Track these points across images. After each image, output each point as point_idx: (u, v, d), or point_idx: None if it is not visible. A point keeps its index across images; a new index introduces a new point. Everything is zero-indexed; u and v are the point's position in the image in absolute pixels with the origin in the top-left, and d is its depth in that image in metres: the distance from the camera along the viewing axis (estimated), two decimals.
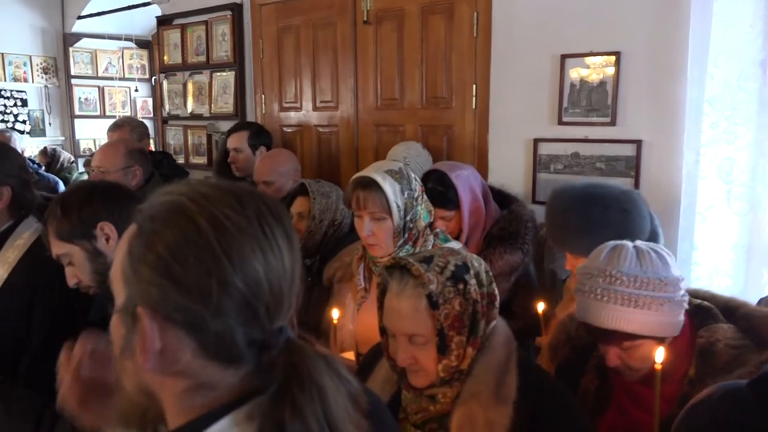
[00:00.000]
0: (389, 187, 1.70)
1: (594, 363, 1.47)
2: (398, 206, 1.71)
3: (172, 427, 0.71)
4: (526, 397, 1.20)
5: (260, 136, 3.26)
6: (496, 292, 1.31)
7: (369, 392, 0.82)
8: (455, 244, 1.81)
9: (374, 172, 1.74)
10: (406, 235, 1.74)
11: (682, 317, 1.33)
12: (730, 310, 1.37)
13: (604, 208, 1.82)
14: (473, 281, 1.25)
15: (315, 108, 3.56)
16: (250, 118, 3.86)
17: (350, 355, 1.73)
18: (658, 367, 1.23)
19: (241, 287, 0.67)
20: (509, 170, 2.75)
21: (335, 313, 1.69)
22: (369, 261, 1.82)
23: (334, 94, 3.45)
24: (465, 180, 2.22)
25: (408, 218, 1.74)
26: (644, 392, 1.34)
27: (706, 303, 1.39)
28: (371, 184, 1.72)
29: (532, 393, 1.21)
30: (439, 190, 2.18)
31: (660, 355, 1.23)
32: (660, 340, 1.30)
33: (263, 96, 3.78)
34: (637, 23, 2.43)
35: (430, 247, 1.76)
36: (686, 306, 1.33)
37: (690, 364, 1.32)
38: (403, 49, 3.13)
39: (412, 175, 1.79)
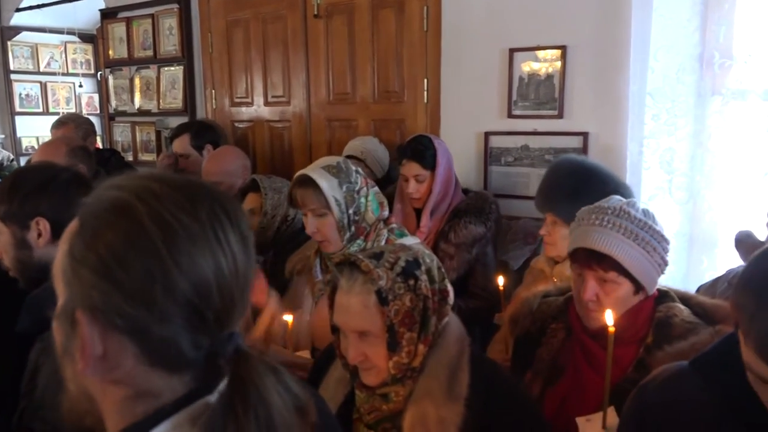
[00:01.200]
0: (324, 182, 1.71)
1: (552, 334, 1.53)
2: (336, 200, 1.72)
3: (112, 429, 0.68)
4: (477, 394, 1.21)
5: (202, 135, 3.18)
6: (449, 288, 1.31)
7: (318, 402, 0.81)
8: (411, 240, 1.82)
9: (311, 169, 1.75)
10: (353, 229, 1.75)
11: (657, 281, 1.44)
12: (684, 299, 1.47)
13: (602, 183, 1.89)
14: (424, 277, 1.25)
15: (267, 103, 3.52)
16: (200, 113, 3.79)
17: (305, 354, 1.72)
18: (611, 329, 1.30)
19: (189, 293, 0.64)
20: (461, 163, 2.78)
21: (288, 317, 1.67)
22: (324, 256, 1.82)
23: (285, 88, 3.42)
24: (445, 151, 2.41)
25: (351, 211, 1.74)
26: (601, 355, 1.40)
27: (664, 289, 1.49)
28: (307, 182, 1.73)
29: (484, 389, 1.22)
30: (420, 147, 2.35)
31: (609, 318, 1.31)
32: (635, 291, 1.40)
33: (213, 91, 3.72)
34: (582, 18, 2.49)
35: (383, 242, 1.77)
36: (662, 272, 1.44)
37: (648, 332, 1.40)
38: (354, 43, 3.12)
39: (353, 169, 1.79)
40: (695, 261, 2.44)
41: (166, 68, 3.92)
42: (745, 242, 1.93)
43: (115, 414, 0.68)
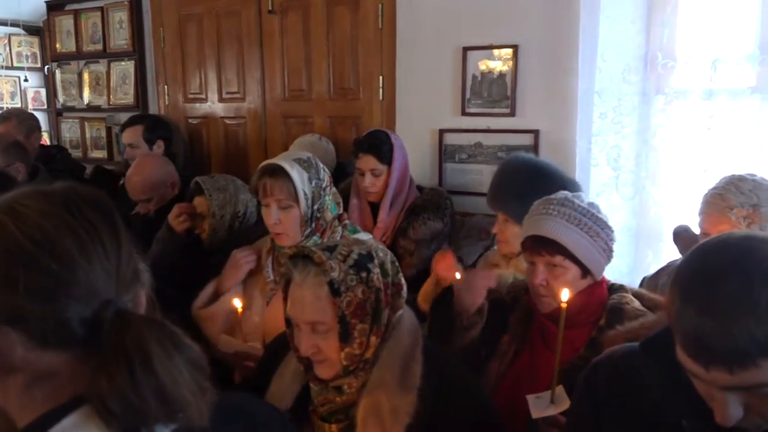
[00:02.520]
0: (297, 174, 1.70)
1: (515, 316, 1.60)
2: (305, 194, 1.71)
3: (20, 425, 0.68)
4: (430, 384, 1.23)
5: (156, 129, 3.10)
6: (403, 282, 1.33)
7: (246, 400, 0.82)
8: (364, 236, 1.83)
9: (282, 159, 1.74)
10: (314, 225, 1.75)
11: (603, 270, 1.52)
12: (637, 296, 1.57)
13: (551, 181, 1.93)
14: (377, 270, 1.26)
15: (221, 99, 3.47)
16: (152, 109, 3.71)
17: (256, 344, 1.72)
18: (563, 305, 1.37)
19: (55, 267, 0.65)
20: (416, 160, 2.80)
21: (237, 303, 1.67)
22: (278, 253, 1.81)
23: (240, 85, 3.38)
24: (401, 146, 2.42)
25: (315, 207, 1.74)
26: (556, 334, 1.45)
27: (620, 284, 1.59)
28: (278, 171, 1.71)
29: (437, 379, 1.24)
30: (376, 141, 2.36)
31: (565, 295, 1.38)
32: (583, 275, 1.48)
33: (166, 87, 3.64)
34: (532, 18, 2.54)
35: (338, 238, 1.77)
36: (610, 259, 1.53)
37: (602, 315, 1.49)
38: (309, 39, 3.11)
39: (321, 165, 1.80)
40: (641, 254, 2.53)
41: (116, 63, 3.82)
42: (683, 236, 2.01)
43: (18, 406, 0.68)
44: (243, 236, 2.17)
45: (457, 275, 1.95)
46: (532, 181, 1.95)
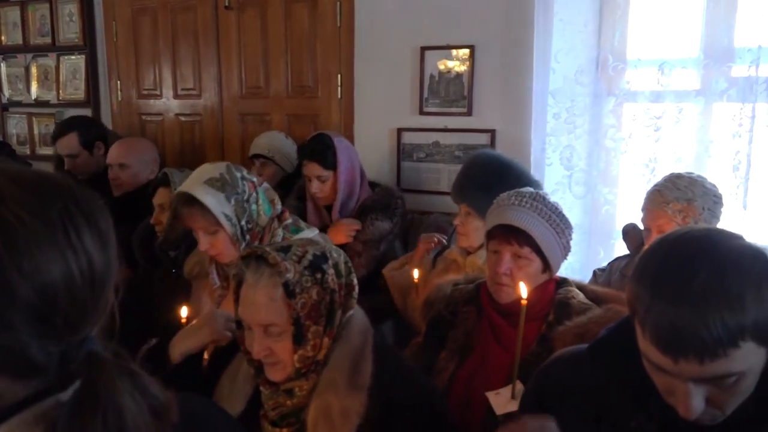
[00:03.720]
0: (211, 199, 1.63)
1: (464, 316, 1.62)
2: (226, 216, 1.65)
3: None
4: (380, 383, 1.23)
5: (90, 132, 3.04)
6: (355, 282, 1.32)
7: (190, 403, 0.79)
8: (310, 233, 1.81)
9: (192, 185, 1.66)
10: (248, 238, 1.70)
11: (560, 267, 1.58)
12: (580, 288, 1.62)
13: (516, 178, 1.98)
14: (331, 271, 1.26)
15: (176, 96, 3.41)
16: (104, 105, 3.61)
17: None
18: (524, 302, 1.41)
19: (32, 298, 0.60)
20: (375, 159, 2.82)
21: (184, 311, 1.63)
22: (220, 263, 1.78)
23: (196, 81, 3.32)
24: (346, 149, 2.39)
25: (243, 222, 1.68)
26: (509, 331, 1.52)
27: (563, 277, 1.65)
28: (191, 201, 1.65)
29: (387, 378, 1.25)
30: (319, 148, 2.33)
31: (524, 290, 1.42)
32: (543, 270, 1.53)
33: (119, 82, 3.55)
34: (489, 19, 2.58)
35: (280, 240, 1.74)
36: (566, 258, 1.60)
37: (550, 310, 1.53)
38: (267, 36, 3.08)
39: (238, 176, 1.71)
40: (592, 251, 2.60)
41: (66, 57, 3.70)
42: (631, 233, 2.09)
43: None
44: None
45: (415, 273, 1.97)
46: (499, 175, 1.98)
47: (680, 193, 1.85)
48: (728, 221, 2.04)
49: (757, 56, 2.20)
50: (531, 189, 1.60)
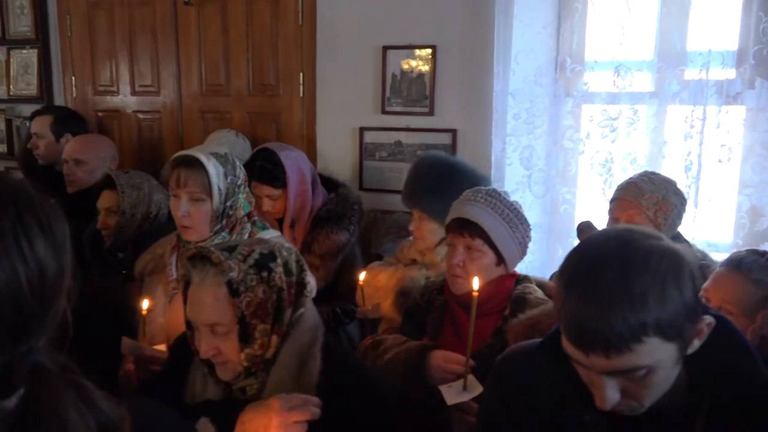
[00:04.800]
0: (213, 168, 1.67)
1: (438, 303, 1.67)
2: (220, 189, 1.68)
3: None
4: (329, 381, 1.23)
5: (67, 122, 3.00)
6: (307, 280, 1.32)
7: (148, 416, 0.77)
8: (272, 233, 1.81)
9: (199, 151, 1.70)
10: (224, 222, 1.71)
11: (517, 262, 1.63)
12: (540, 285, 1.67)
13: (464, 178, 1.99)
14: (279, 269, 1.25)
15: (134, 92, 3.33)
16: (58, 101, 3.50)
17: (162, 347, 1.66)
18: (475, 293, 1.45)
19: None
20: (337, 158, 2.81)
21: (145, 303, 1.62)
22: (183, 250, 1.76)
23: (154, 78, 3.26)
24: (294, 161, 2.28)
25: (228, 203, 1.70)
26: (466, 322, 1.52)
27: (525, 275, 1.70)
28: (194, 163, 1.67)
29: (336, 376, 1.25)
30: (268, 167, 2.23)
31: (476, 283, 1.46)
32: (497, 263, 1.57)
33: (73, 78, 3.45)
34: (450, 20, 2.60)
35: (246, 235, 1.74)
36: (525, 254, 1.64)
37: (507, 305, 1.58)
38: (228, 33, 3.04)
39: (237, 163, 1.76)
40: (552, 250, 2.64)
41: (17, 51, 3.57)
42: (586, 232, 2.13)
43: None
44: (148, 236, 2.10)
45: (362, 276, 1.95)
46: (446, 177, 2.00)
47: (655, 188, 1.94)
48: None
49: (707, 60, 2.28)
50: (492, 187, 1.66)
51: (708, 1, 2.28)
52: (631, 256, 0.88)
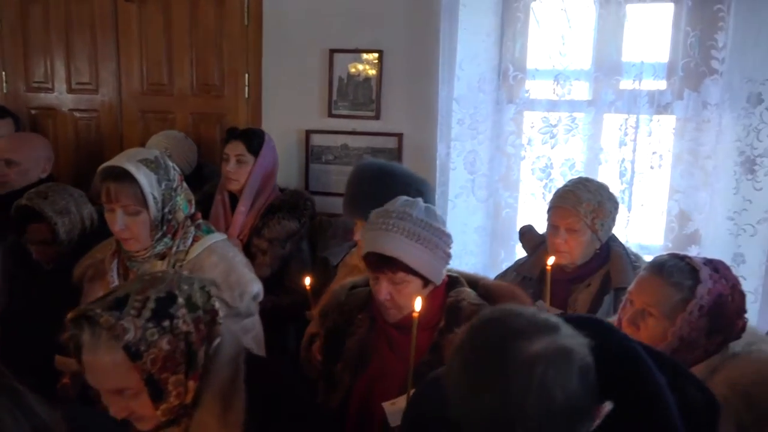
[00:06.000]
0: (144, 177, 1.59)
1: (359, 324, 1.58)
2: (155, 197, 1.61)
3: None
4: (255, 416, 1.18)
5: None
6: (217, 306, 1.24)
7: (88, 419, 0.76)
8: (217, 236, 1.76)
9: (127, 161, 1.60)
10: (165, 228, 1.66)
11: (444, 272, 1.54)
12: (472, 282, 1.61)
13: (405, 185, 1.97)
14: (182, 311, 1.16)
15: (70, 90, 3.21)
16: None
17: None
18: (415, 314, 1.40)
19: None
20: (283, 160, 2.76)
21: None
22: (124, 256, 1.71)
23: (92, 75, 3.15)
24: (273, 148, 2.44)
25: (166, 210, 1.64)
26: (402, 340, 1.49)
27: (455, 275, 1.62)
28: (123, 175, 1.58)
29: (263, 409, 1.19)
30: (250, 132, 2.41)
31: (418, 304, 1.41)
32: (424, 285, 1.49)
33: (3, 73, 3.29)
34: (397, 25, 2.63)
35: (190, 240, 1.69)
36: (448, 263, 1.55)
37: (441, 317, 1.51)
38: (171, 31, 2.97)
39: (170, 164, 1.69)
40: (494, 253, 2.70)
41: None
42: (527, 235, 2.19)
43: None
44: (87, 246, 2.03)
45: (306, 280, 1.93)
46: (386, 184, 1.98)
47: (591, 195, 1.97)
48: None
49: (640, 71, 2.39)
50: (402, 200, 1.54)
51: (641, 15, 2.39)
52: (513, 374, 0.85)
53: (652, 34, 2.39)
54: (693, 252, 2.35)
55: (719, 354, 1.39)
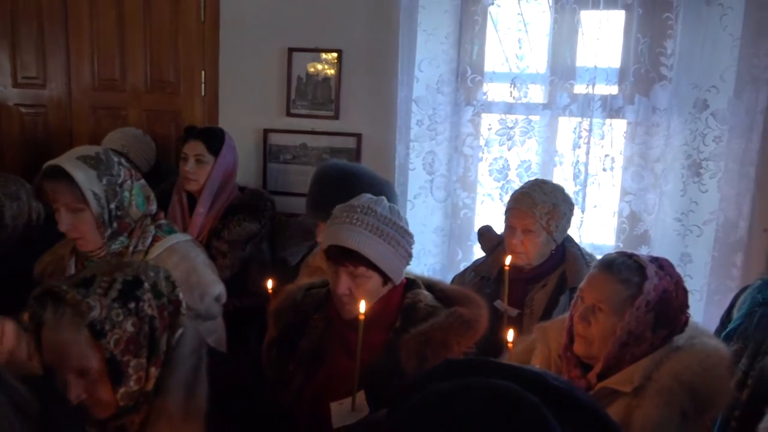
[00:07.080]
0: (81, 174, 1.55)
1: (314, 324, 1.57)
2: (95, 194, 1.57)
3: None
4: (217, 406, 1.18)
5: None
6: (181, 297, 1.24)
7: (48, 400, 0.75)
8: (180, 237, 1.73)
9: (65, 159, 1.57)
10: (116, 225, 1.62)
11: (404, 272, 1.54)
12: (429, 286, 1.62)
13: (369, 186, 1.95)
14: (148, 296, 1.16)
15: (15, 84, 3.08)
16: None
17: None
18: (361, 317, 1.38)
19: None
20: (240, 160, 2.71)
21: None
22: (81, 256, 1.66)
23: (40, 69, 3.03)
24: (233, 148, 2.39)
25: (113, 206, 1.60)
26: (356, 340, 1.44)
27: (413, 277, 1.62)
28: (59, 174, 1.55)
29: (225, 399, 1.19)
30: (210, 132, 2.38)
31: (362, 307, 1.39)
32: (384, 282, 1.49)
33: None
34: (356, 25, 2.63)
35: (149, 239, 1.66)
36: (409, 263, 1.55)
37: (397, 317, 1.51)
38: (123, 26, 2.90)
39: (116, 160, 1.65)
40: (452, 253, 2.73)
41: None
42: (486, 235, 2.23)
43: None
44: (29, 240, 1.96)
45: (269, 283, 1.91)
46: (344, 183, 1.98)
47: (546, 198, 2.01)
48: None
49: (594, 76, 2.45)
50: (367, 197, 1.53)
51: (595, 22, 2.46)
52: None
53: (604, 41, 2.46)
54: (643, 252, 2.43)
55: (664, 347, 1.44)
